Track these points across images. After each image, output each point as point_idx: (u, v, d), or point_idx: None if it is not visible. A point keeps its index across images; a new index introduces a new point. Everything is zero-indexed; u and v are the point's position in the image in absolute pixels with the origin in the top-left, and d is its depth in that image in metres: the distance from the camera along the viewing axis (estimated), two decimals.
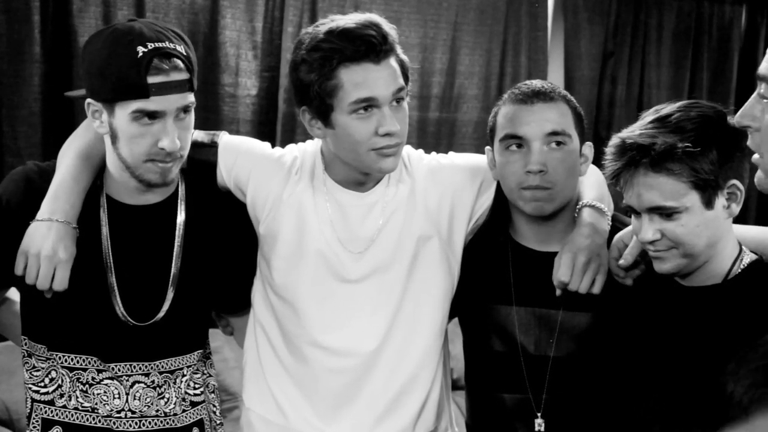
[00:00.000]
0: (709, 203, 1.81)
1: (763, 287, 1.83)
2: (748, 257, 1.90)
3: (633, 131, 1.86)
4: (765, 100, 1.43)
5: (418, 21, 4.28)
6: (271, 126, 4.02)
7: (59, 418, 2.08)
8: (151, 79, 1.89)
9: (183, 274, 2.10)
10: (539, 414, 2.11)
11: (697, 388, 1.75)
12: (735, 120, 1.53)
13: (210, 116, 3.79)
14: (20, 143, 3.51)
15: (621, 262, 2.01)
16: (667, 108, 1.87)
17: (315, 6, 4.04)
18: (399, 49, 2.04)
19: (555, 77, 4.69)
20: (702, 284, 1.90)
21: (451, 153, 2.30)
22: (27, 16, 3.47)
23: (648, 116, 1.89)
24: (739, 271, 1.87)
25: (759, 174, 1.53)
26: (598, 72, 4.83)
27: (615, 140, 1.88)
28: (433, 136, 4.40)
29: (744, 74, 5.23)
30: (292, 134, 3.97)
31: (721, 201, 1.83)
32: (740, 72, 5.22)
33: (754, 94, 1.47)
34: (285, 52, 3.95)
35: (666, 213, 1.82)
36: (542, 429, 2.11)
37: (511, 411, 2.15)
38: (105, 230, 2.05)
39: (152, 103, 1.90)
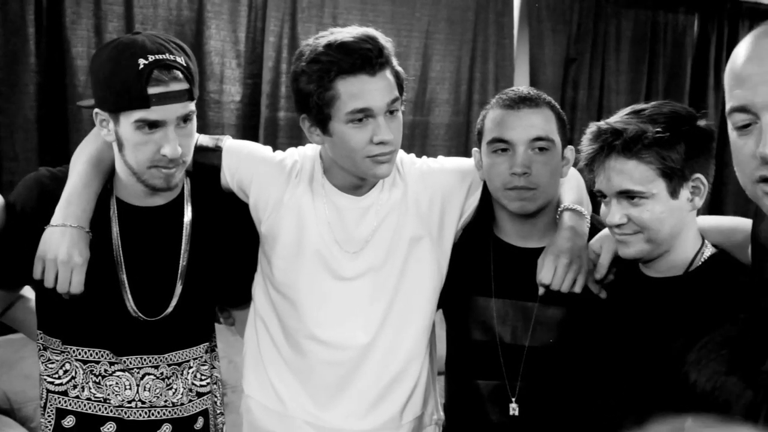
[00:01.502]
0: (674, 192, 1.84)
1: (722, 279, 1.85)
2: (709, 250, 1.92)
3: (610, 120, 1.90)
4: None
5: (392, 30, 4.26)
6: (254, 130, 4.02)
7: (73, 408, 2.10)
8: (152, 90, 1.89)
9: (190, 270, 2.11)
10: (513, 399, 2.14)
11: (661, 378, 1.76)
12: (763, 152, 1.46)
13: (197, 121, 3.76)
14: (17, 148, 3.49)
15: (596, 275, 2.04)
16: (643, 104, 1.92)
17: (295, 17, 4.04)
18: (395, 62, 2.05)
19: (521, 82, 4.72)
20: (665, 275, 1.92)
21: (440, 157, 2.31)
22: (22, 29, 3.45)
23: (625, 111, 1.92)
24: (701, 263, 1.90)
25: None
26: (561, 77, 4.85)
27: (592, 127, 1.92)
28: (407, 138, 4.40)
29: (696, 78, 5.29)
30: (275, 138, 3.99)
31: (685, 193, 1.86)
32: (693, 76, 5.28)
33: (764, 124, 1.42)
34: (267, 60, 3.98)
35: (633, 197, 1.84)
36: (516, 413, 2.14)
37: (487, 396, 2.17)
38: (115, 231, 2.06)
39: (153, 113, 1.91)
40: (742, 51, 1.44)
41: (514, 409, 2.14)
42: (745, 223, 1.95)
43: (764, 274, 1.57)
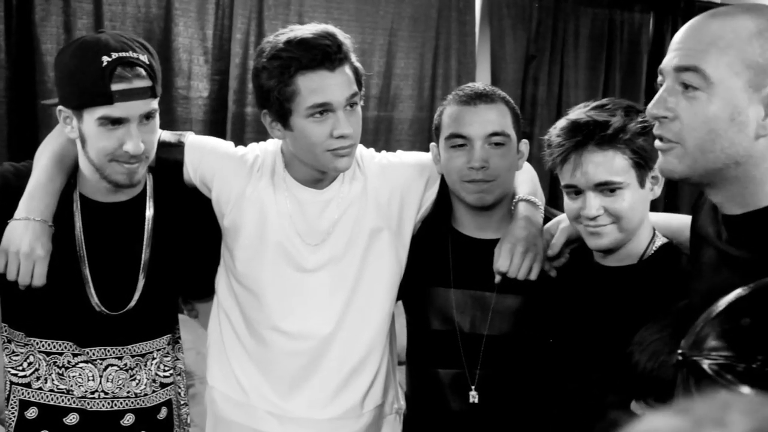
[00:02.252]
0: (642, 182, 1.87)
1: (672, 267, 1.89)
2: (660, 240, 1.95)
3: (579, 115, 1.90)
4: (682, 89, 1.46)
5: (356, 27, 4.28)
6: (221, 125, 4.01)
7: (36, 399, 2.09)
8: (115, 87, 1.88)
9: (152, 264, 2.10)
10: (473, 387, 2.14)
11: (614, 362, 1.75)
12: (650, 112, 1.53)
13: (164, 117, 3.55)
14: None
15: (549, 252, 2.06)
16: (596, 101, 1.94)
17: (261, 15, 4.03)
18: (353, 57, 2.05)
19: (482, 78, 4.72)
20: (619, 264, 1.95)
21: (399, 151, 2.31)
22: None
23: (581, 107, 1.93)
24: (653, 252, 1.93)
25: (671, 160, 1.51)
26: (522, 74, 4.86)
27: (563, 122, 1.91)
28: (372, 133, 4.42)
29: (652, 74, 5.28)
30: (242, 133, 3.98)
31: (648, 182, 1.89)
32: (649, 72, 5.28)
33: (664, 87, 1.50)
34: (234, 57, 3.97)
35: (611, 189, 1.85)
36: (476, 401, 2.14)
37: (447, 384, 2.18)
38: (78, 226, 2.05)
39: (116, 110, 1.90)
40: None
41: (473, 396, 2.15)
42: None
43: (699, 259, 1.63)
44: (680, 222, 2.05)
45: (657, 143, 1.55)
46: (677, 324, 1.41)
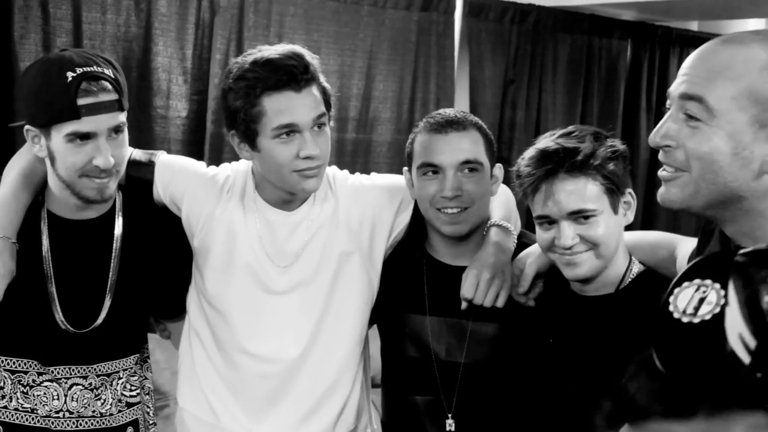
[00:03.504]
0: (615, 208, 1.86)
1: (652, 295, 1.77)
2: (636, 267, 1.93)
3: (548, 143, 1.87)
4: (683, 117, 1.43)
5: (336, 50, 4.30)
6: (199, 145, 3.99)
7: (0, 418, 2.06)
8: (81, 101, 1.88)
9: (120, 283, 2.08)
10: (450, 415, 2.12)
11: (597, 393, 1.69)
12: (652, 141, 1.49)
13: (143, 136, 3.74)
14: None
15: (519, 289, 2.04)
16: (562, 129, 1.91)
17: (241, 35, 4.03)
18: (321, 78, 2.03)
19: (461, 103, 4.74)
20: (597, 293, 1.92)
21: (373, 174, 2.29)
22: None
23: (548, 135, 1.90)
24: (630, 280, 1.91)
25: (672, 190, 1.48)
26: (500, 98, 4.89)
27: (532, 152, 1.88)
28: (351, 155, 4.42)
29: (629, 100, 5.40)
30: (220, 153, 3.95)
31: (621, 207, 1.88)
32: (626, 98, 5.38)
33: (669, 114, 1.46)
34: (213, 77, 3.94)
35: (585, 216, 1.83)
36: (453, 429, 2.12)
37: (423, 412, 2.16)
38: (45, 243, 2.04)
39: (84, 125, 1.89)
40: None
41: (450, 425, 2.13)
42: (668, 239, 1.97)
43: None
44: (653, 241, 2.04)
45: (661, 172, 1.51)
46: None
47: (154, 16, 3.82)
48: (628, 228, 1.97)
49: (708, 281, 1.17)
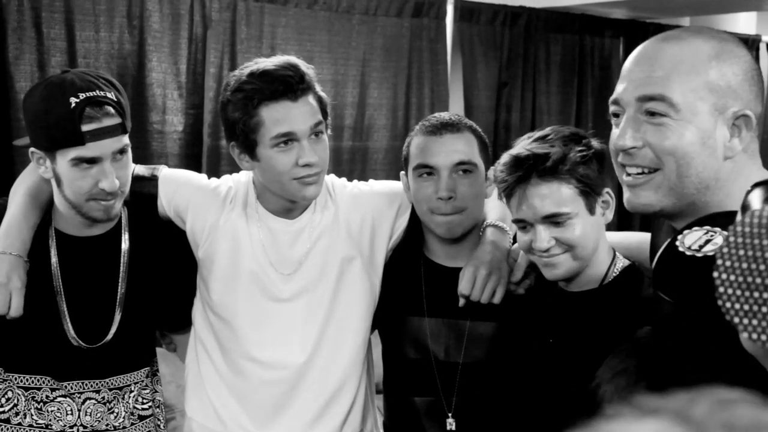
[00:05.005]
0: (591, 209, 1.87)
1: (635, 290, 1.89)
2: (621, 262, 1.95)
3: (520, 149, 1.89)
4: (647, 117, 1.46)
5: (329, 59, 4.33)
6: (197, 159, 4.03)
7: None
8: (85, 127, 1.90)
9: (128, 297, 2.12)
10: (450, 414, 2.15)
11: (579, 391, 1.72)
12: (617, 145, 1.51)
13: (140, 152, 3.72)
14: None
15: (512, 278, 2.07)
16: (538, 132, 1.93)
17: (234, 48, 4.07)
18: (317, 87, 2.08)
19: (456, 107, 4.77)
20: (581, 289, 1.95)
21: (371, 180, 2.32)
22: None
23: (524, 139, 1.93)
24: (614, 276, 1.93)
25: (645, 193, 1.50)
26: (494, 101, 4.91)
27: (505, 158, 1.91)
28: (347, 163, 4.45)
29: None
30: (217, 166, 3.99)
31: (598, 208, 1.90)
32: None
33: (626, 118, 1.49)
34: (208, 90, 3.99)
35: (559, 220, 1.85)
36: (453, 428, 2.14)
37: (424, 413, 2.19)
38: (54, 260, 2.08)
39: (89, 150, 1.92)
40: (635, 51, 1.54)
41: (451, 424, 2.15)
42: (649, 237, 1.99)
43: None
44: (638, 240, 2.07)
45: (627, 179, 1.53)
46: (640, 354, 1.42)
47: (147, 33, 3.86)
48: (626, 226, 1.99)
49: (717, 228, 1.20)
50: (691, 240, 1.30)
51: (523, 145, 1.91)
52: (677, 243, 1.31)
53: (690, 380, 1.09)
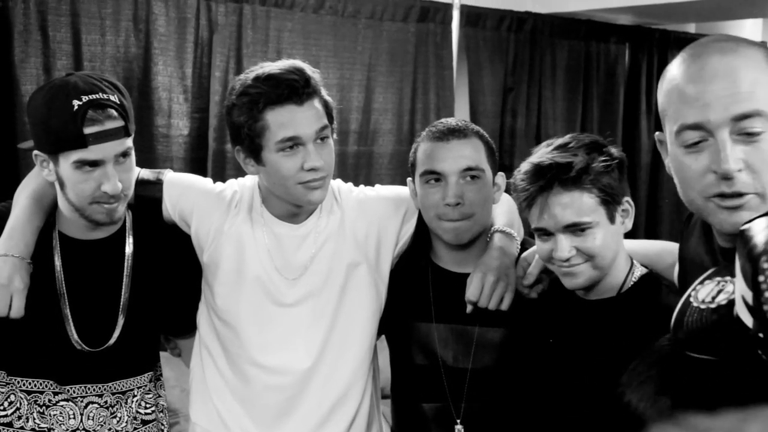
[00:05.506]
0: (612, 218, 1.86)
1: (654, 298, 1.88)
2: (639, 270, 1.95)
3: (542, 157, 1.88)
4: (739, 138, 1.41)
5: (335, 64, 4.32)
6: (202, 163, 4.01)
7: None
8: (88, 130, 1.90)
9: (132, 301, 2.11)
10: (459, 421, 2.14)
11: (599, 399, 1.69)
12: (728, 169, 1.41)
13: (145, 155, 3.76)
14: None
15: (524, 281, 2.07)
16: (558, 140, 1.92)
17: (240, 52, 4.06)
18: (323, 91, 2.07)
19: (461, 112, 4.75)
20: (599, 297, 1.94)
21: (377, 185, 2.32)
22: None
23: (544, 147, 1.91)
24: (632, 284, 1.93)
25: (746, 215, 1.39)
26: (500, 106, 4.89)
27: (526, 166, 1.89)
28: (352, 168, 4.43)
29: (629, 104, 5.40)
30: (223, 170, 3.98)
31: (618, 217, 1.89)
32: (626, 102, 5.38)
33: (721, 141, 1.41)
34: (213, 95, 3.97)
35: (581, 229, 1.84)
36: None
37: (432, 419, 2.18)
38: (58, 263, 2.07)
39: (91, 153, 1.92)
40: (682, 71, 1.46)
41: (459, 430, 2.15)
42: (672, 247, 1.97)
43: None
44: (658, 248, 2.06)
45: (721, 202, 1.46)
46: (667, 361, 1.41)
47: (153, 36, 3.85)
48: (633, 232, 1.98)
49: (728, 278, 1.19)
50: (704, 294, 1.29)
51: (543, 153, 1.90)
52: (691, 299, 1.30)
53: (717, 396, 1.08)
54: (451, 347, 2.17)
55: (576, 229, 1.86)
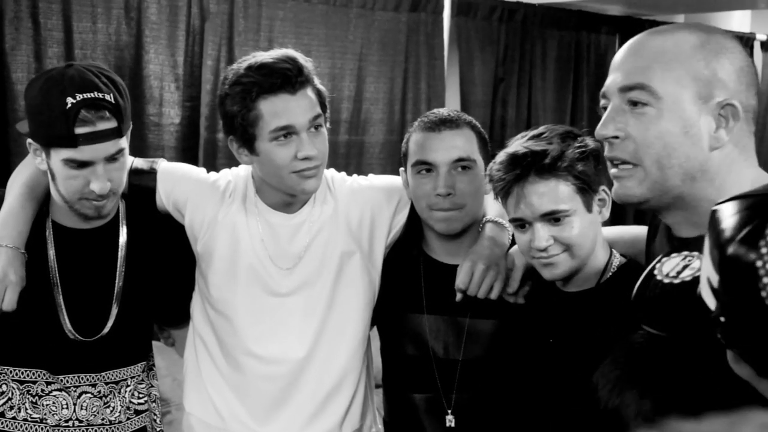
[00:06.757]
0: (588, 207, 1.86)
1: (632, 289, 1.84)
2: (617, 260, 1.94)
3: (516, 147, 1.88)
4: (630, 107, 1.45)
5: (326, 53, 4.31)
6: (193, 152, 3.99)
7: (9, 429, 2.07)
8: (79, 130, 1.87)
9: (126, 291, 2.10)
10: (449, 411, 2.14)
11: (579, 392, 1.70)
12: (599, 134, 1.51)
13: (136, 144, 3.55)
14: None
15: (508, 289, 2.06)
16: (533, 131, 1.92)
17: (231, 41, 4.04)
18: (316, 80, 2.06)
19: (452, 102, 4.76)
20: (579, 289, 1.93)
21: (370, 175, 2.31)
22: None
23: (519, 138, 1.92)
24: (611, 274, 1.92)
25: (629, 184, 1.50)
26: (491, 96, 4.91)
27: (502, 156, 1.90)
28: (344, 157, 4.42)
29: None
30: (214, 159, 3.97)
31: (595, 206, 1.88)
32: None
33: (611, 108, 1.49)
34: (205, 83, 3.96)
35: (557, 217, 1.84)
36: (452, 425, 2.14)
37: (423, 409, 2.18)
38: (51, 252, 2.05)
39: (81, 153, 1.89)
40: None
41: (450, 421, 2.14)
42: (645, 231, 1.97)
43: None
44: (633, 233, 2.05)
45: (612, 171, 1.53)
46: (638, 354, 1.41)
47: (144, 24, 3.82)
48: (618, 220, 1.98)
49: (695, 253, 1.19)
50: (668, 267, 1.29)
51: (519, 143, 1.90)
52: (655, 272, 1.29)
53: (685, 394, 1.09)
54: (442, 338, 2.17)
55: (552, 217, 1.86)
